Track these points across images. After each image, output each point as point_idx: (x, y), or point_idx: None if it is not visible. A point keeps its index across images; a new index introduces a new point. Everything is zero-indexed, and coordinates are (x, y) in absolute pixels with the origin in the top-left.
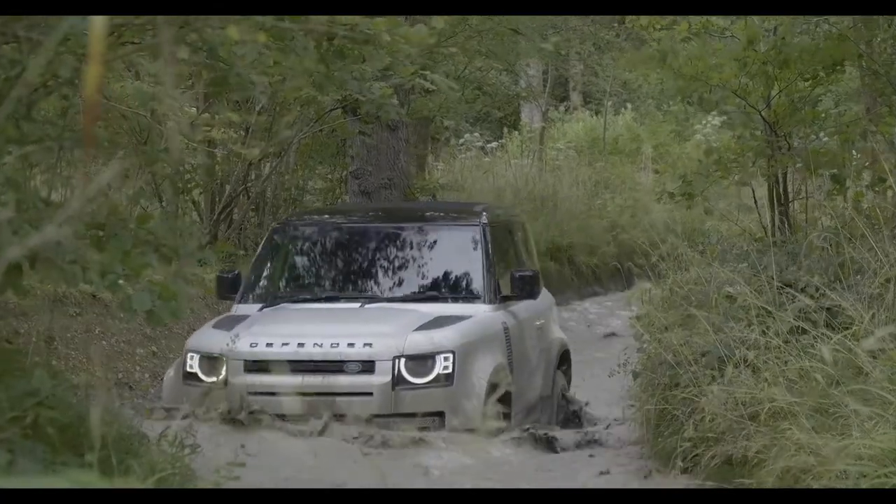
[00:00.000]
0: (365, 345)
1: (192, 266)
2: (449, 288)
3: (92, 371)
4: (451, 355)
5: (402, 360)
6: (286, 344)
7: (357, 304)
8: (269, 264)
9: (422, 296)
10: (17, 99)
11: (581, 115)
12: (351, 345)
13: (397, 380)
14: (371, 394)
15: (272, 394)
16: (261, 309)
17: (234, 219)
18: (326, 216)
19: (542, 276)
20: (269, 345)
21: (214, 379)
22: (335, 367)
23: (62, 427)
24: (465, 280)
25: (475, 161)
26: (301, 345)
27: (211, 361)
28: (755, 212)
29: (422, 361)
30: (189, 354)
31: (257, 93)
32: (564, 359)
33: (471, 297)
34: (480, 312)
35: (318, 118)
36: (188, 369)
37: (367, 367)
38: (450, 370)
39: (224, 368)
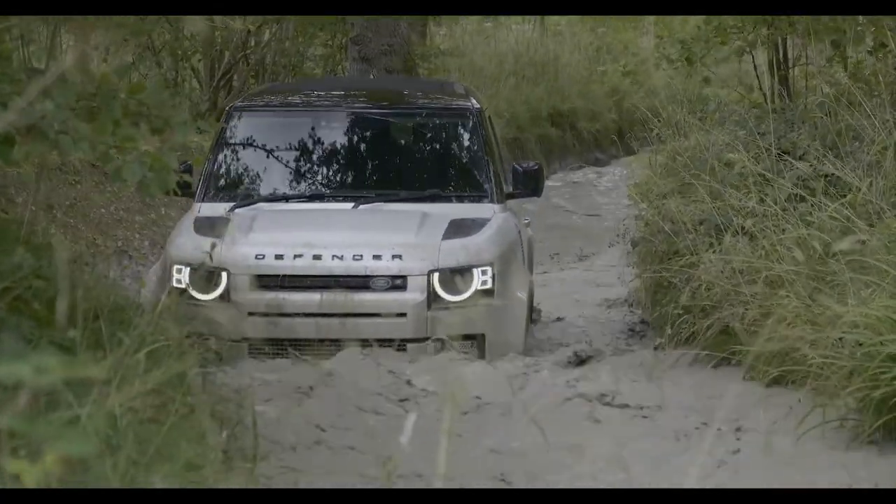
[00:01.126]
0: (394, 257)
1: (190, 135)
2: (451, 185)
3: (91, 239)
4: (489, 268)
5: (437, 275)
6: (299, 256)
7: (349, 205)
8: (230, 155)
9: (421, 195)
10: None
11: None
12: (377, 257)
13: (432, 298)
14: (404, 314)
15: (284, 314)
16: (231, 210)
17: (234, 86)
18: (295, 96)
19: (545, 142)
20: (278, 256)
21: (211, 296)
22: (359, 282)
23: (51, 300)
24: (468, 175)
25: (476, 27)
26: (317, 257)
27: (206, 275)
28: (755, 78)
29: (458, 276)
30: (176, 267)
31: None
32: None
33: (477, 195)
34: (491, 213)
35: None
36: (176, 284)
37: (398, 282)
38: (489, 285)
39: (223, 284)
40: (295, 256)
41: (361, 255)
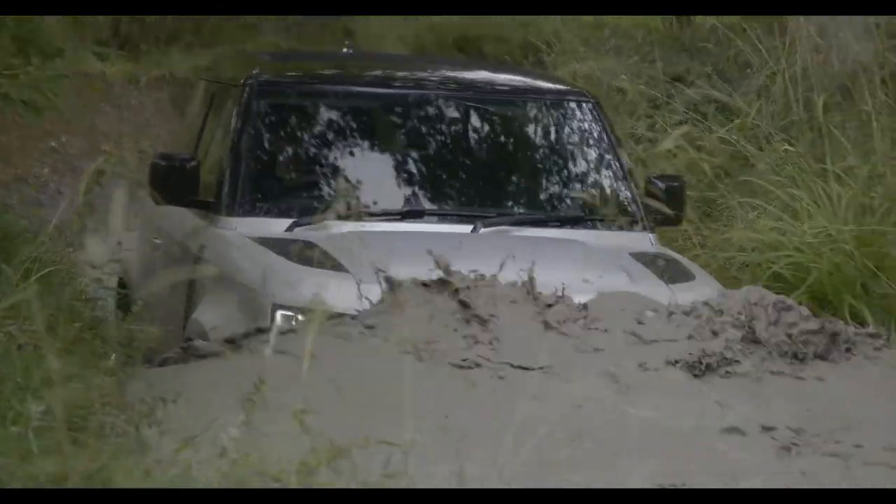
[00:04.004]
0: None
1: (89, 62)
2: (589, 204)
3: None
4: None
5: None
6: None
7: (465, 227)
8: (266, 150)
9: (557, 216)
10: None
11: None
12: None
13: None
14: None
15: None
16: (290, 228)
17: None
18: (345, 70)
19: None
20: None
21: None
22: None
23: None
24: (607, 191)
25: None
26: None
27: None
28: None
29: None
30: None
31: None
32: None
33: (627, 220)
34: (650, 244)
35: None
36: None
37: None
38: None
39: None
40: None
41: None
